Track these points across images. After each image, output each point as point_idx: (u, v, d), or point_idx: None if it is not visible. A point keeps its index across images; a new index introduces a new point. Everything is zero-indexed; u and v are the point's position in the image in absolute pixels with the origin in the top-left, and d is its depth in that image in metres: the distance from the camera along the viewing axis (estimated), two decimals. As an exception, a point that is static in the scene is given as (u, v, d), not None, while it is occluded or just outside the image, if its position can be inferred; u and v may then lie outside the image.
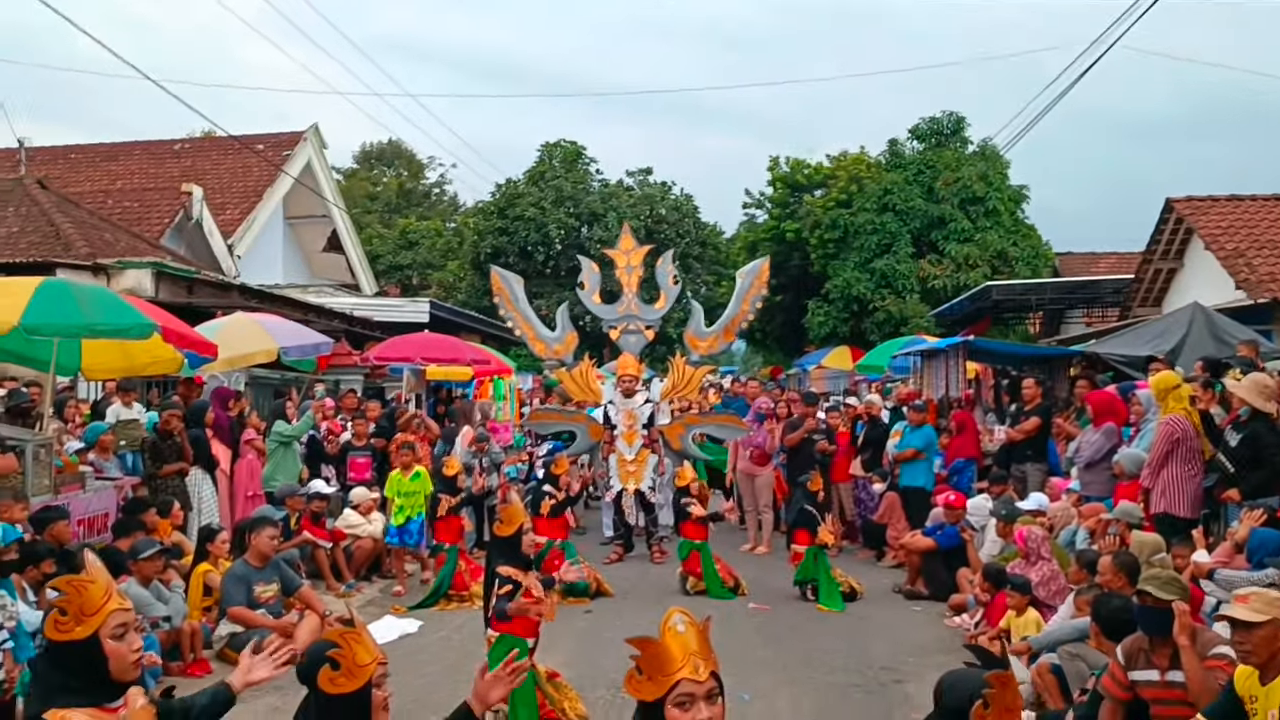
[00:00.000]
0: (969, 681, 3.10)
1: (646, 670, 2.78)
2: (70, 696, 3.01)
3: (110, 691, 3.11)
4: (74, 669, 3.05)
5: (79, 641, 3.04)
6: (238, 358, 12.31)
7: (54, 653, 3.06)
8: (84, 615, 3.05)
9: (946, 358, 14.11)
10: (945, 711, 3.09)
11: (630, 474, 12.62)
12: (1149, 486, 8.72)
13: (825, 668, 8.06)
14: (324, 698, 2.99)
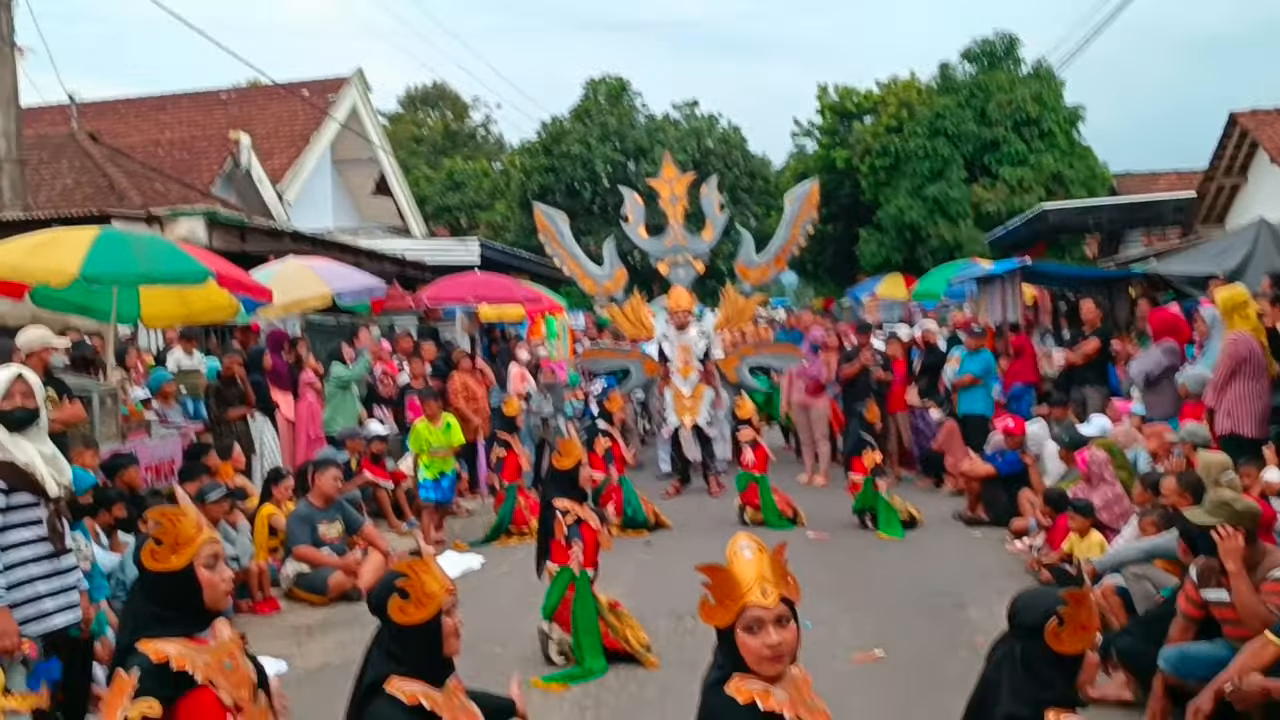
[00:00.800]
0: (1044, 599, 3.06)
1: (716, 596, 2.79)
2: (162, 627, 3.07)
3: (201, 621, 3.17)
4: (168, 599, 3.11)
5: (174, 571, 3.10)
6: (292, 303, 12.43)
7: (149, 583, 3.11)
8: (179, 545, 3.11)
9: (1003, 282, 13.90)
10: (1020, 629, 3.06)
11: (686, 409, 12.62)
12: (1214, 406, 8.55)
13: (886, 594, 8.05)
14: (395, 628, 3.02)
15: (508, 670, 6.42)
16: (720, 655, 2.84)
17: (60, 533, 4.61)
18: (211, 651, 3.13)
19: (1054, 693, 2.99)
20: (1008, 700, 2.99)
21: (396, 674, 3.00)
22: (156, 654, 3.00)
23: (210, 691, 3.04)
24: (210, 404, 10.62)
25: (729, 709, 2.73)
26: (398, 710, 2.92)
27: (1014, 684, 3.00)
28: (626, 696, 6.06)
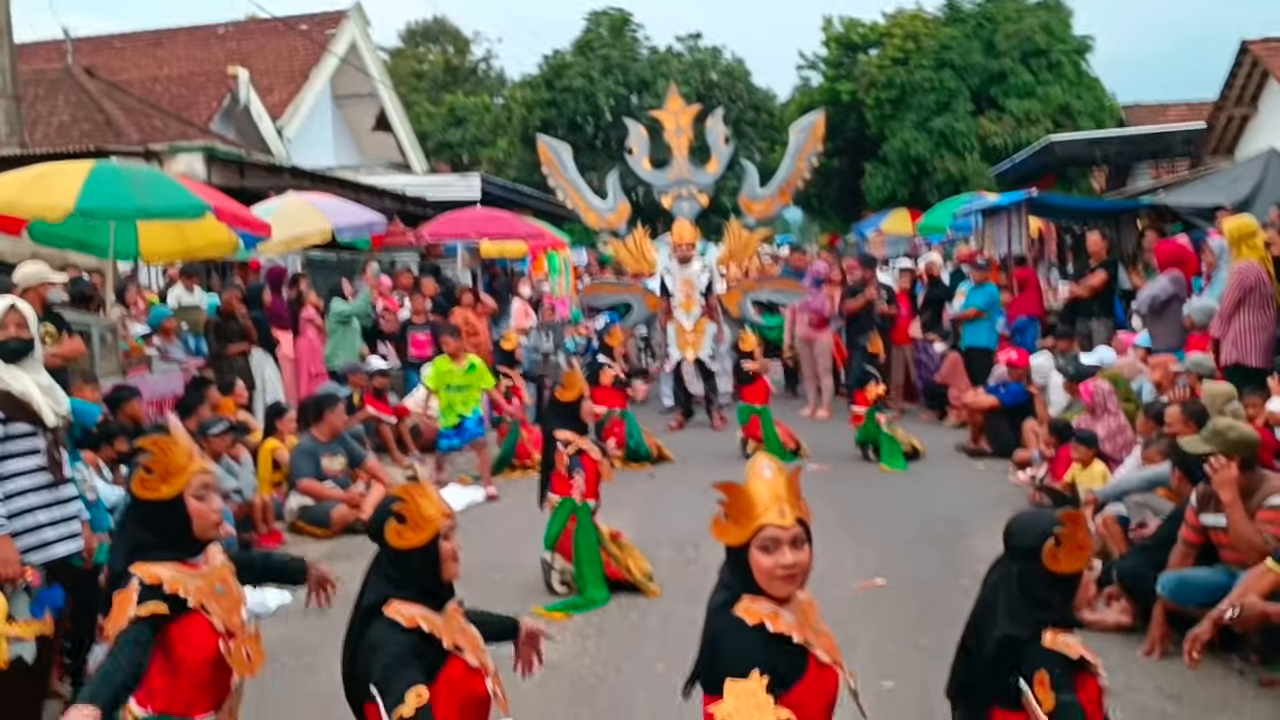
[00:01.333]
0: (1040, 521, 3.05)
1: (732, 515, 2.77)
2: (154, 552, 3.08)
3: (192, 549, 3.17)
4: (158, 527, 3.11)
5: (164, 500, 3.10)
6: (292, 238, 12.35)
7: (140, 511, 3.11)
8: (169, 475, 3.10)
9: (1009, 214, 13.77)
10: (1016, 552, 3.04)
11: (689, 343, 12.57)
12: (1220, 336, 8.50)
13: (889, 524, 8.07)
14: (393, 552, 3.02)
15: (510, 599, 6.47)
16: (729, 577, 2.82)
17: (59, 462, 4.60)
18: (203, 576, 3.13)
19: (1051, 613, 2.98)
20: (1004, 622, 2.99)
21: (395, 598, 2.99)
22: (150, 576, 3.01)
23: (202, 616, 3.05)
24: (210, 340, 10.60)
25: (737, 630, 2.71)
26: (396, 632, 2.92)
27: (1011, 606, 3.00)
28: (628, 625, 6.09)
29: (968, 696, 3.14)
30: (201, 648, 3.04)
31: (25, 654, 4.36)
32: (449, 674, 2.94)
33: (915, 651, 5.56)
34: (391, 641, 2.89)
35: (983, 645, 3.03)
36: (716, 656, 2.71)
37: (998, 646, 2.98)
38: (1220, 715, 4.74)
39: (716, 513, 2.77)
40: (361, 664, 2.93)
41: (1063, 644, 2.94)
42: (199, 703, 3.10)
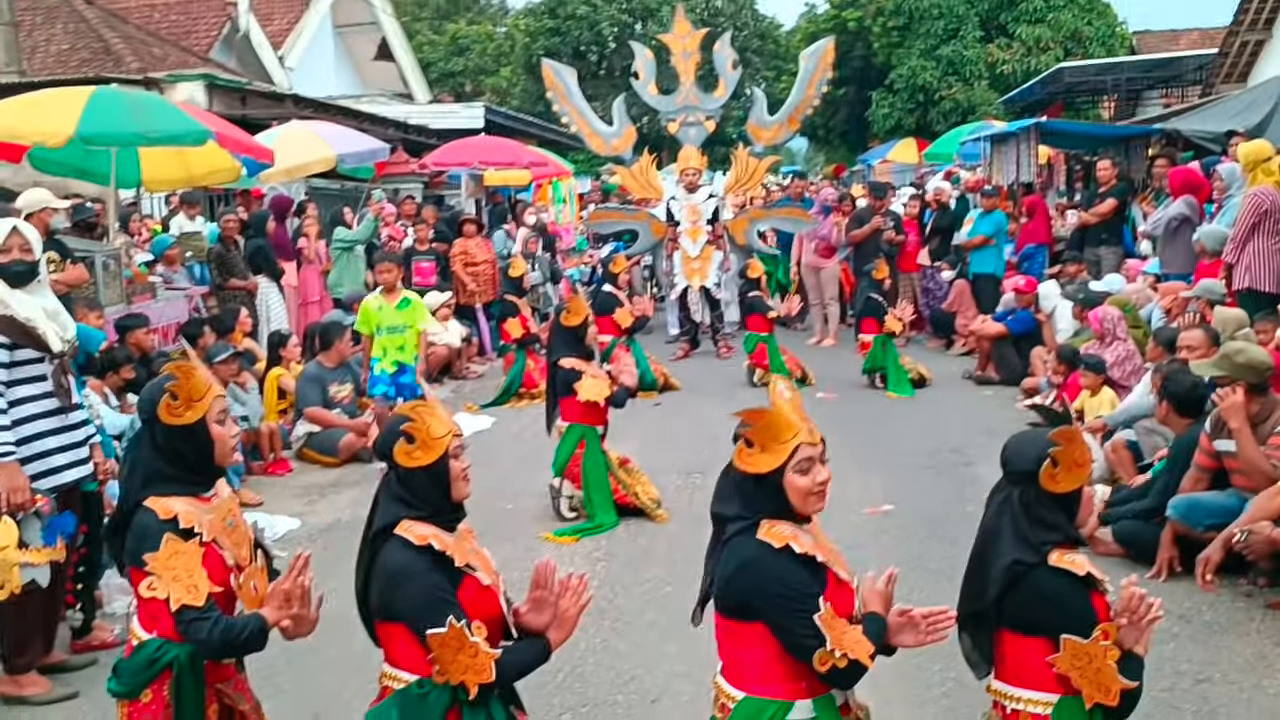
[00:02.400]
0: (1033, 443, 3.01)
1: (759, 441, 2.78)
2: (167, 484, 3.06)
3: (208, 478, 3.17)
4: (179, 454, 3.09)
5: (189, 426, 3.08)
6: (295, 167, 12.23)
7: (162, 438, 3.08)
8: (193, 400, 3.07)
9: (1017, 141, 13.60)
10: (1014, 475, 3.02)
11: (695, 271, 12.50)
12: (1232, 261, 8.41)
13: (895, 451, 8.07)
14: (403, 472, 3.00)
15: (519, 526, 6.51)
16: (742, 505, 2.83)
17: (66, 388, 4.58)
18: (215, 510, 3.12)
19: (1056, 533, 2.97)
20: (1010, 547, 2.97)
21: (407, 518, 2.98)
22: (165, 511, 3.00)
23: (215, 550, 3.05)
24: (213, 270, 10.55)
25: (768, 553, 2.74)
26: (408, 551, 2.91)
27: (1016, 530, 2.98)
28: (637, 549, 6.12)
29: (976, 623, 3.14)
30: (211, 581, 3.03)
31: (39, 579, 4.38)
32: (463, 593, 2.93)
33: (923, 575, 5.58)
34: (416, 572, 2.88)
35: (989, 571, 3.02)
36: (750, 580, 2.73)
37: (1006, 572, 2.98)
38: (1227, 637, 4.76)
39: (739, 446, 2.76)
40: (376, 587, 2.92)
41: (1069, 562, 2.93)
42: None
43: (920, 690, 4.29)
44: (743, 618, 2.77)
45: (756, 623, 2.75)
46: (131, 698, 3.02)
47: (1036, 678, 2.96)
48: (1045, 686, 2.95)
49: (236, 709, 3.16)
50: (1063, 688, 2.90)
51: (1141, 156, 13.71)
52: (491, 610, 2.99)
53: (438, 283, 12.31)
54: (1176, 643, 4.70)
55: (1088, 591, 2.93)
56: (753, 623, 2.76)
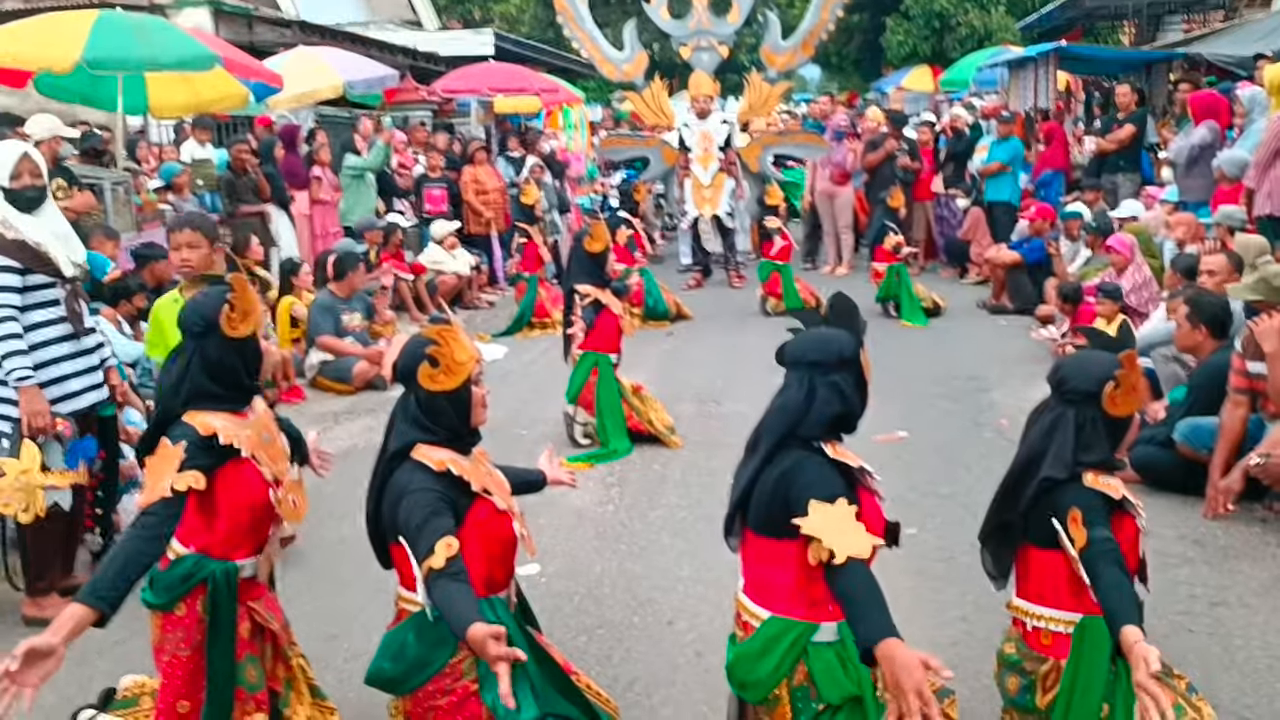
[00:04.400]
0: (1097, 364, 2.99)
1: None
2: (210, 402, 3.09)
3: (248, 395, 3.19)
4: (230, 368, 3.12)
5: (241, 339, 3.13)
6: (303, 94, 12.09)
7: (213, 351, 3.10)
8: (249, 314, 3.12)
9: (1036, 67, 13.37)
10: (1073, 395, 2.98)
11: (706, 199, 12.39)
12: (1254, 187, 8.30)
13: (909, 379, 8.03)
14: (424, 395, 2.98)
15: (534, 453, 6.51)
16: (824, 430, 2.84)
17: (79, 313, 4.56)
18: (252, 425, 3.13)
19: (1095, 455, 2.96)
20: (1049, 465, 2.97)
21: (423, 442, 2.97)
22: (205, 427, 3.00)
23: (253, 465, 3.07)
24: (223, 197, 10.48)
25: (817, 461, 2.79)
26: (425, 474, 2.91)
27: (1060, 450, 2.97)
28: (652, 475, 6.13)
29: (1000, 536, 3.14)
30: (250, 495, 3.06)
31: (62, 502, 4.43)
32: (476, 515, 2.94)
33: (937, 500, 5.59)
34: (420, 489, 2.87)
35: (1023, 489, 3.01)
36: (796, 483, 2.74)
37: (1038, 488, 2.97)
38: (1242, 562, 4.77)
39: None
40: (388, 506, 2.92)
41: (1104, 484, 2.91)
42: (241, 546, 3.13)
43: (937, 612, 4.30)
44: (779, 534, 2.76)
45: (791, 540, 2.74)
46: (166, 610, 3.06)
47: (1058, 596, 2.96)
48: (1067, 605, 2.96)
49: (267, 627, 3.20)
50: (1084, 607, 2.90)
51: (1163, 82, 13.49)
52: (504, 533, 3.00)
53: (448, 210, 12.24)
54: (1191, 567, 4.71)
55: (1111, 511, 2.93)
56: (787, 540, 2.75)
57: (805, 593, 2.80)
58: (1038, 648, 3.02)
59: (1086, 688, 2.88)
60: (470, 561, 2.79)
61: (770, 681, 2.84)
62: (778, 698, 2.85)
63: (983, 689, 3.63)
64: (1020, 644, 3.07)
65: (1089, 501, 2.87)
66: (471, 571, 2.78)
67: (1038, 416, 3.10)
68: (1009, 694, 3.10)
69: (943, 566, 4.76)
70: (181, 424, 3.03)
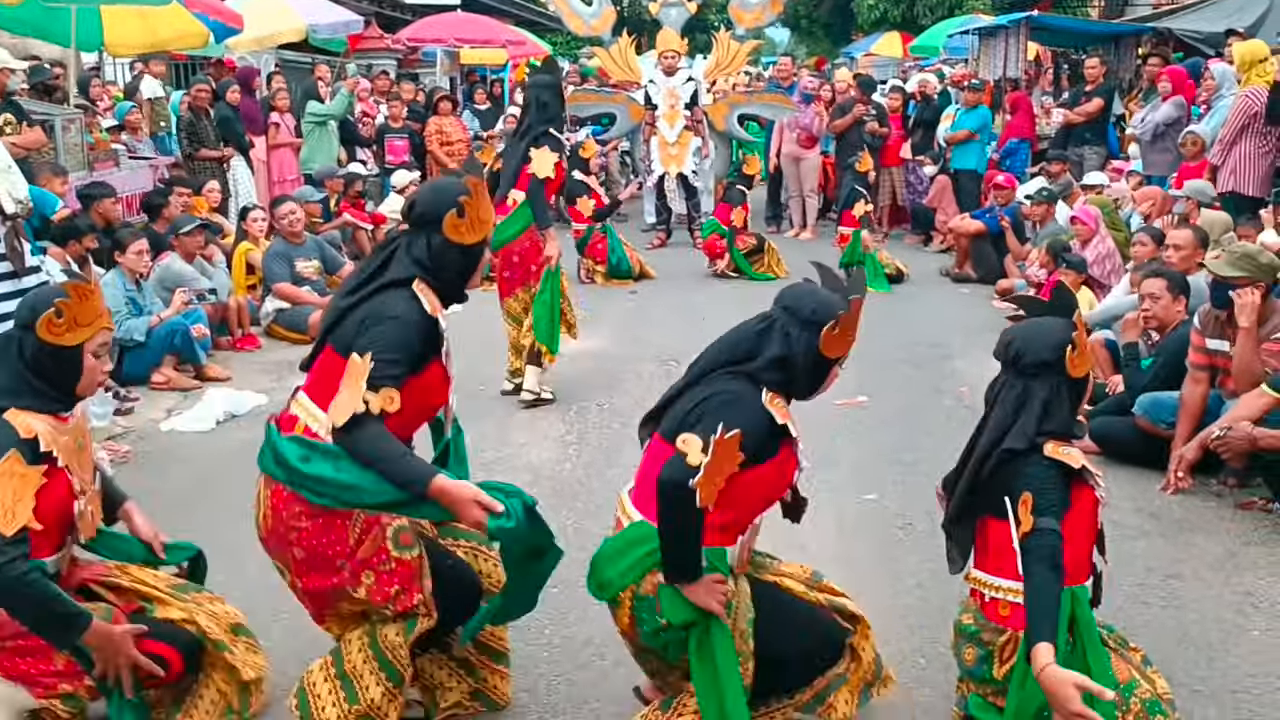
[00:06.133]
0: (1049, 331, 2.97)
1: (844, 329, 2.89)
2: (30, 398, 2.93)
3: (69, 401, 3.04)
4: (48, 373, 2.95)
5: (66, 348, 2.93)
6: (265, 36, 11.88)
7: (35, 352, 2.92)
8: (78, 324, 2.93)
9: (1006, 35, 13.32)
10: (1030, 368, 2.97)
11: (672, 157, 12.25)
12: (1218, 163, 8.34)
13: (872, 345, 7.89)
14: (440, 241, 2.97)
15: (492, 407, 6.45)
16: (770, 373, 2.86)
17: (19, 251, 4.43)
18: (69, 432, 3.00)
19: (1055, 424, 2.95)
20: (1010, 438, 2.96)
21: (422, 280, 2.95)
22: (26, 429, 2.87)
23: (65, 475, 2.94)
24: (182, 139, 10.25)
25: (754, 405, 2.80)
26: (417, 313, 2.89)
27: (1022, 422, 2.95)
28: (610, 434, 6.07)
29: (961, 521, 3.11)
30: (55, 504, 2.93)
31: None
32: (433, 371, 2.97)
33: (897, 467, 5.57)
34: (408, 322, 2.86)
35: (986, 463, 2.98)
36: (713, 405, 2.79)
37: (998, 459, 2.94)
38: (1197, 535, 4.78)
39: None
40: (362, 319, 2.86)
41: (1064, 454, 2.90)
42: (40, 549, 2.93)
43: (894, 580, 4.29)
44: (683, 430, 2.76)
45: None
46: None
47: (1016, 567, 2.93)
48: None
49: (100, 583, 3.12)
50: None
51: (1130, 56, 13.51)
52: (437, 400, 3.08)
53: (411, 161, 12.05)
54: (1147, 540, 4.72)
55: (1070, 482, 2.91)
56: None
57: None
58: (995, 619, 3.00)
59: None
60: (400, 415, 2.82)
61: (618, 584, 2.87)
62: (620, 602, 2.88)
63: (939, 657, 3.62)
64: (978, 615, 3.06)
65: (1043, 483, 2.85)
66: (398, 420, 2.82)
67: (998, 394, 3.07)
68: (966, 664, 3.09)
69: (902, 533, 4.75)
70: (1, 424, 2.87)
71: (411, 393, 2.85)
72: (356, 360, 2.77)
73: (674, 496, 2.67)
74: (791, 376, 2.87)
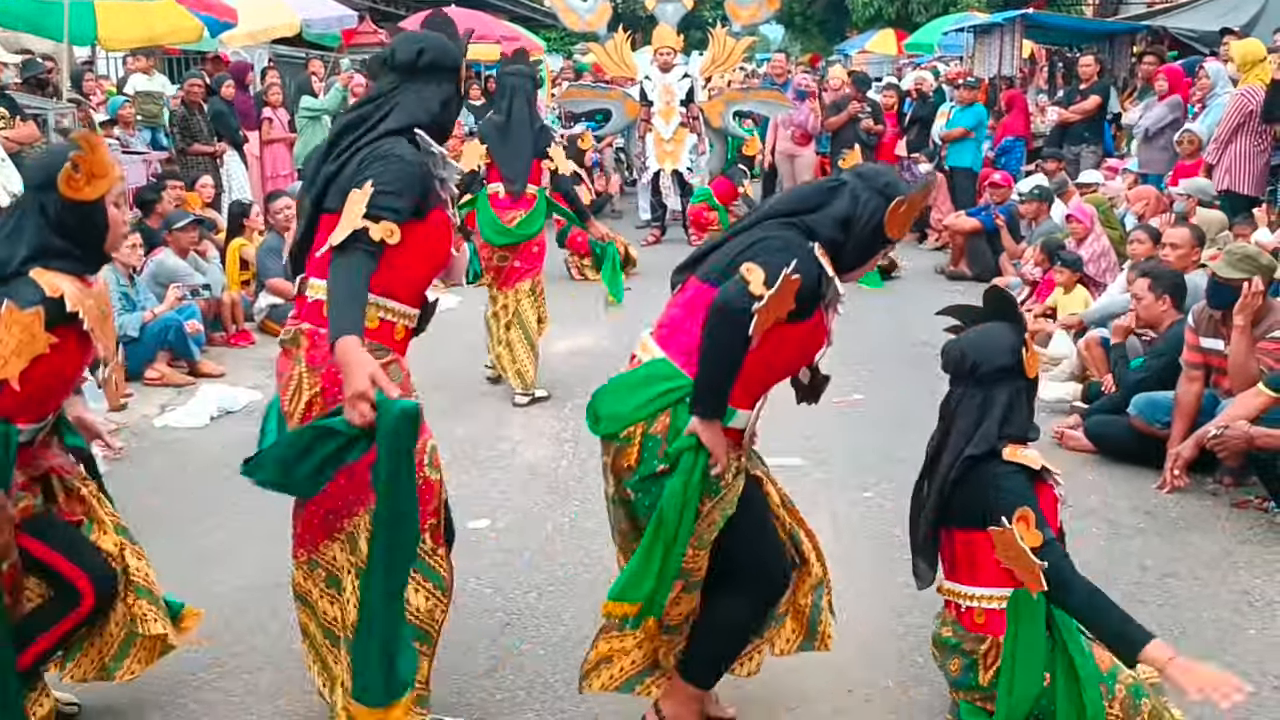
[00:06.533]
0: (998, 336, 3.05)
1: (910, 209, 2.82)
2: (57, 260, 2.90)
3: (94, 262, 3.03)
4: (75, 231, 2.91)
5: (87, 202, 2.89)
6: (259, 30, 11.83)
7: (58, 212, 2.89)
8: (95, 176, 2.89)
9: (1002, 33, 13.36)
10: (988, 376, 3.01)
11: (667, 154, 12.22)
12: (1214, 162, 8.36)
13: (866, 342, 8.00)
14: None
15: (487, 399, 6.43)
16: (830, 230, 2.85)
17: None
18: (94, 296, 2.98)
19: (1014, 427, 3.00)
20: (971, 445, 2.99)
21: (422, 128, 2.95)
22: (52, 288, 2.84)
23: (89, 339, 2.93)
24: (175, 133, 10.21)
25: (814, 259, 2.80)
26: (415, 153, 2.88)
27: (982, 431, 2.98)
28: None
29: (927, 542, 3.14)
30: (71, 365, 2.93)
31: None
32: (437, 217, 2.94)
33: (892, 464, 5.55)
34: (412, 162, 2.83)
35: (947, 476, 3.01)
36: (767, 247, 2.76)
37: (960, 468, 2.98)
38: (1193, 534, 4.78)
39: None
40: (362, 162, 2.83)
41: (1022, 456, 2.95)
42: (27, 413, 2.92)
43: (888, 579, 4.27)
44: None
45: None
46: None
47: (989, 574, 2.96)
48: (996, 581, 2.96)
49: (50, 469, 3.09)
50: (1014, 581, 2.90)
51: (1125, 54, 13.53)
52: (445, 246, 3.01)
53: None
54: (1143, 538, 4.72)
55: (1033, 483, 2.95)
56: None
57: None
58: (973, 627, 3.02)
59: (1027, 660, 2.89)
60: (408, 266, 2.83)
61: (629, 418, 2.80)
62: (630, 438, 2.80)
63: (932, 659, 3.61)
64: (956, 626, 3.08)
65: (1025, 491, 2.88)
66: (408, 274, 2.84)
67: (955, 408, 3.08)
68: (952, 675, 3.11)
69: (897, 532, 4.72)
70: (26, 282, 2.83)
71: (420, 231, 2.85)
72: (356, 191, 2.73)
73: (731, 319, 2.63)
74: (847, 239, 2.81)
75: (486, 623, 3.88)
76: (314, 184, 2.93)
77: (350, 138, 2.91)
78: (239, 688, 3.48)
